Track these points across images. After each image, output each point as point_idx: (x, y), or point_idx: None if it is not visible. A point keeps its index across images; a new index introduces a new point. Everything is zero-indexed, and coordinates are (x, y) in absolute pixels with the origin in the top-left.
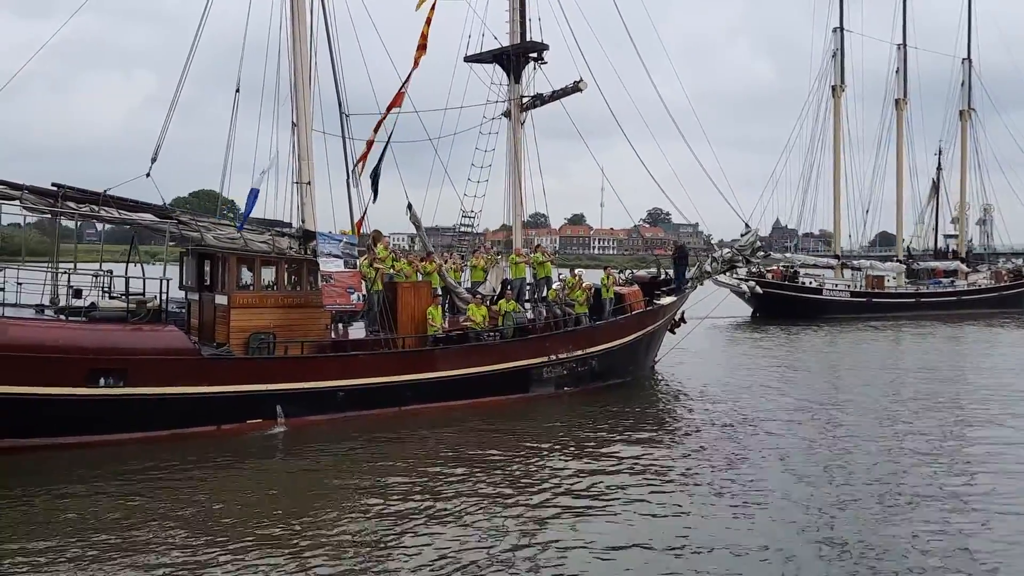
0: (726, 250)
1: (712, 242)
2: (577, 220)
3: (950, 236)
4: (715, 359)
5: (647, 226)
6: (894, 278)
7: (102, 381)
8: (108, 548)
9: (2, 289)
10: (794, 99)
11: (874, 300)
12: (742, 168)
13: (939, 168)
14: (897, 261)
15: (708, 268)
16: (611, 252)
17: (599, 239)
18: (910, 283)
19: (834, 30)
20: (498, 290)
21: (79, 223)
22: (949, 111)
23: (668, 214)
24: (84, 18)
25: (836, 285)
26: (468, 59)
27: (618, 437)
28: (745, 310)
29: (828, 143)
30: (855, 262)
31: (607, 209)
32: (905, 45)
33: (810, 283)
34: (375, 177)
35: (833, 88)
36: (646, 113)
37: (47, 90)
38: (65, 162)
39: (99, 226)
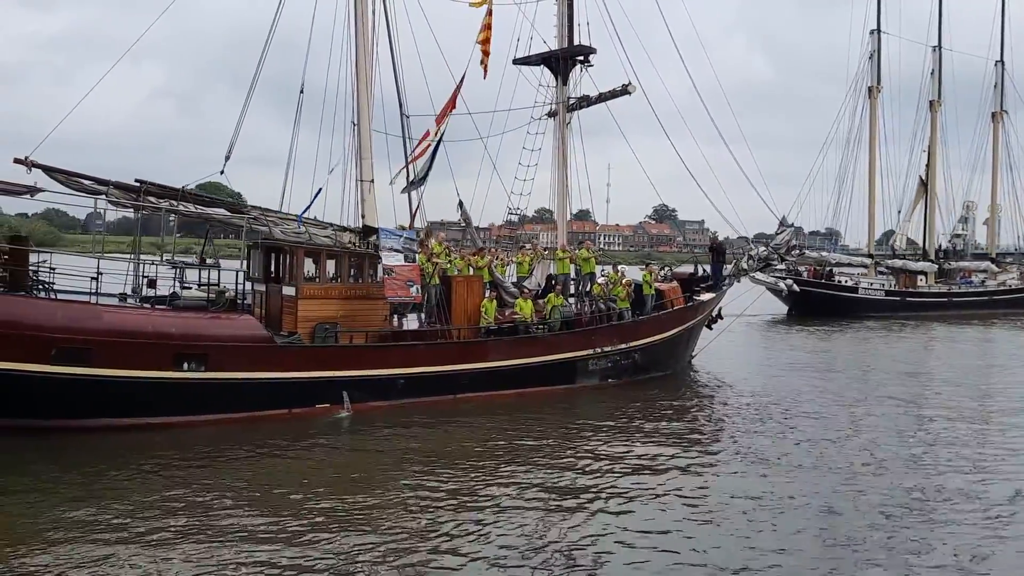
0: (762, 248)
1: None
2: (583, 216)
3: (957, 236)
4: (751, 355)
5: (653, 222)
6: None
7: (186, 365)
8: (190, 522)
9: (95, 278)
10: (792, 95)
11: (908, 299)
12: (740, 163)
13: (927, 165)
14: (929, 261)
15: (744, 265)
16: (616, 248)
17: (605, 235)
18: (941, 282)
19: (871, 32)
20: (543, 285)
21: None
22: (981, 113)
23: (674, 210)
24: (87, 10)
25: (871, 284)
26: (516, 61)
27: (659, 429)
28: (780, 308)
29: (848, 142)
30: (888, 261)
31: (612, 205)
32: (940, 47)
33: (845, 281)
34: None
35: (870, 89)
36: (649, 110)
37: (50, 82)
38: (71, 153)
39: (108, 217)
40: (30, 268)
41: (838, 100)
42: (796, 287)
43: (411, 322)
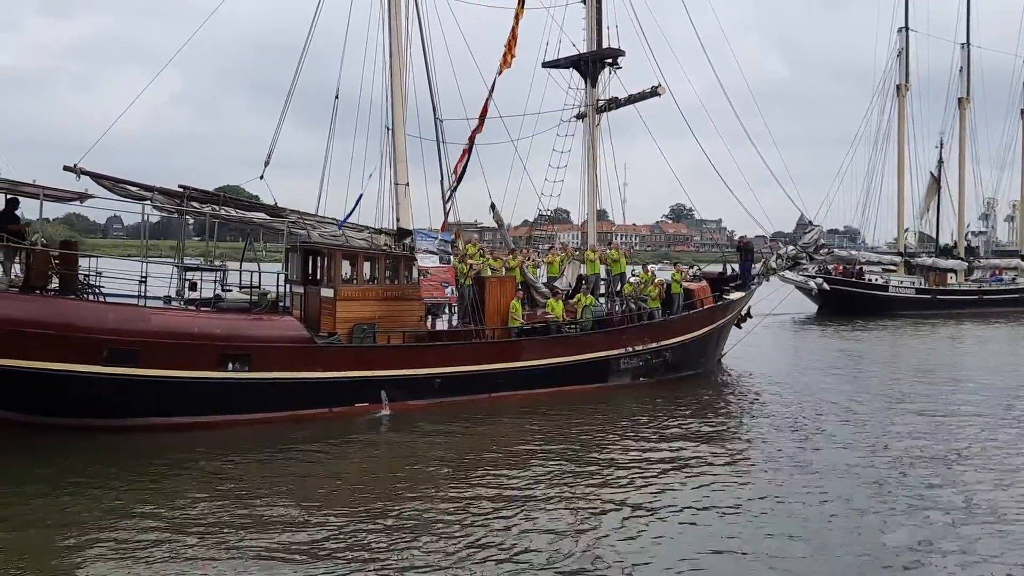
0: (791, 247)
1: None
2: (600, 216)
3: (978, 232)
4: (780, 353)
5: (669, 222)
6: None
7: (231, 366)
8: (239, 519)
9: (143, 281)
10: (803, 94)
11: (938, 297)
12: (753, 162)
13: (940, 161)
14: (959, 258)
15: (773, 265)
16: (634, 247)
17: (621, 234)
18: (973, 281)
19: (899, 30)
20: (573, 285)
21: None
22: (1010, 110)
23: (691, 210)
24: (104, 17)
25: (901, 282)
26: (546, 65)
27: (691, 427)
28: (810, 307)
29: (876, 140)
30: (917, 259)
31: (628, 205)
32: (969, 44)
33: (875, 280)
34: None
35: (898, 87)
36: (665, 110)
37: (69, 88)
38: (88, 157)
39: (127, 221)
40: (80, 272)
41: (850, 99)
42: (826, 286)
43: (440, 323)
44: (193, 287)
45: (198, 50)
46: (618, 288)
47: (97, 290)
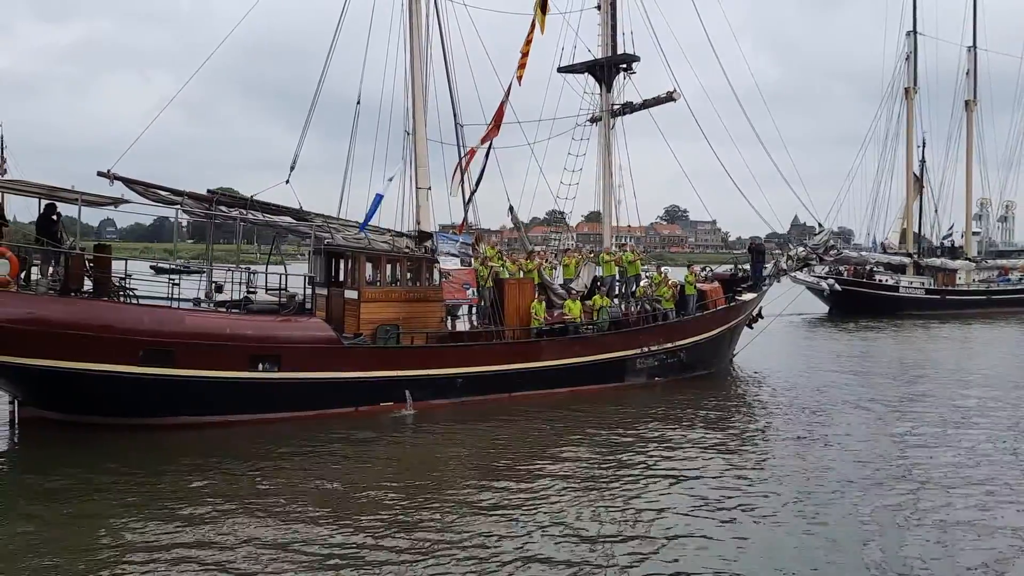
0: (800, 248)
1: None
2: (594, 217)
3: (974, 233)
4: (791, 353)
5: (664, 223)
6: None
7: (260, 366)
8: (265, 517)
9: (176, 284)
10: (799, 95)
11: (947, 297)
12: (748, 163)
13: (922, 162)
14: (966, 259)
15: (784, 265)
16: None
17: (616, 236)
18: (983, 281)
19: (907, 33)
20: (589, 287)
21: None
22: (1015, 111)
23: (686, 211)
24: (100, 22)
25: (911, 283)
26: (561, 70)
27: (705, 427)
28: (821, 307)
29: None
30: (925, 260)
31: (624, 206)
32: (975, 47)
33: (886, 280)
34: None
35: (906, 90)
36: (666, 111)
37: (65, 92)
38: (86, 160)
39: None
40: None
41: (845, 100)
42: (838, 286)
43: (460, 324)
44: (220, 289)
45: (190, 52)
46: (632, 289)
47: (130, 292)
